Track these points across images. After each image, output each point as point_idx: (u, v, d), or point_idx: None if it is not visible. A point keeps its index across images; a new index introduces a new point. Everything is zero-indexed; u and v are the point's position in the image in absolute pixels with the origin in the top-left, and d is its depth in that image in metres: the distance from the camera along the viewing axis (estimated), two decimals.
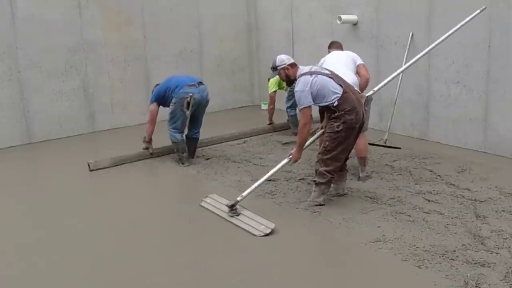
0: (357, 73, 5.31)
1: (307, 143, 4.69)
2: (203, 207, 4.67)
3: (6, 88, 7.14)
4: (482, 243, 3.74)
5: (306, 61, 8.15)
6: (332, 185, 4.68)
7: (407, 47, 6.67)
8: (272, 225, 4.03)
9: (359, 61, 5.33)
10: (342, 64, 5.19)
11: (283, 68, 4.67)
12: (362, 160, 5.25)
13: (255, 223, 4.11)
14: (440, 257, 3.56)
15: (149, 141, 6.24)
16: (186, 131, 6.08)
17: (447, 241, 3.79)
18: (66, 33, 7.54)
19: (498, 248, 3.66)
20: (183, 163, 5.99)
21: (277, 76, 6.94)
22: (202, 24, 8.93)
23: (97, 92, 7.95)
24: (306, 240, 4.04)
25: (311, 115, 4.57)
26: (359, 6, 7.38)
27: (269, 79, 7.40)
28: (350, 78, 5.01)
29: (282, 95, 7.49)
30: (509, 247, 3.67)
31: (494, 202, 4.51)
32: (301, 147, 4.58)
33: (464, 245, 3.72)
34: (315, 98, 4.43)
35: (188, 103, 5.78)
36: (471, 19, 5.53)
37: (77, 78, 7.74)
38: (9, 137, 7.21)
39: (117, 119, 8.19)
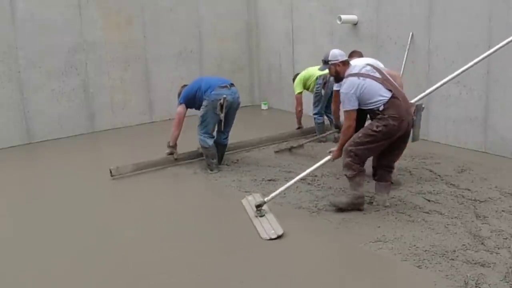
0: None
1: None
2: (242, 204, 4.69)
3: (6, 88, 7.15)
4: (482, 243, 3.74)
5: (306, 61, 8.20)
6: (376, 196, 4.57)
7: (407, 47, 6.67)
8: (280, 232, 4.03)
9: (382, 66, 5.12)
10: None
11: (335, 64, 4.50)
12: None
13: (268, 226, 4.13)
14: (440, 257, 3.56)
15: (174, 145, 5.93)
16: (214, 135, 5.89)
17: (447, 241, 3.79)
18: (66, 33, 7.55)
19: (498, 248, 3.65)
20: (211, 170, 5.71)
21: (303, 74, 6.92)
22: (202, 24, 8.94)
23: (97, 92, 7.96)
24: (306, 240, 4.03)
25: (355, 118, 4.36)
26: (359, 6, 7.38)
27: (293, 79, 7.13)
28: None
29: (307, 98, 7.18)
30: (509, 247, 3.67)
31: (494, 202, 4.51)
32: (342, 147, 4.42)
33: (464, 245, 3.72)
34: (360, 101, 4.29)
35: (222, 105, 5.56)
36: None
37: (77, 78, 7.75)
38: (9, 137, 7.21)
39: (117, 119, 8.19)
